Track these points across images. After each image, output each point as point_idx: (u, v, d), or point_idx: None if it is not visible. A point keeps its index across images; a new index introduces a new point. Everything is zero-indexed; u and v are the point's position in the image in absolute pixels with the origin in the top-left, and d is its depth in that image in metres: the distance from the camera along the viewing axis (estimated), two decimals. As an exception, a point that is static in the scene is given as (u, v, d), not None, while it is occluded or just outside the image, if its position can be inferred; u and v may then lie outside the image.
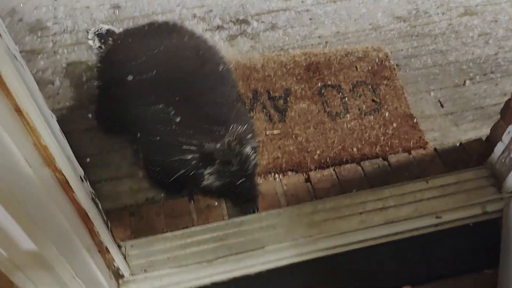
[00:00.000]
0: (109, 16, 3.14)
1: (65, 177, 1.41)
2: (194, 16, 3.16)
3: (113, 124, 2.42)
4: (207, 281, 1.97)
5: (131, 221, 2.23)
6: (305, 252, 2.04)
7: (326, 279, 2.00)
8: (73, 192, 1.47)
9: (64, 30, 3.05)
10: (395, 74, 2.79)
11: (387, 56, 2.87)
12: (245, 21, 3.14)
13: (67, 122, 2.60)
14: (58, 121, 1.46)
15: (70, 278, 1.48)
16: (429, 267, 2.03)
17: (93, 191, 1.70)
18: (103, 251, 1.78)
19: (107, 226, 1.81)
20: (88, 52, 2.93)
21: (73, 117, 2.63)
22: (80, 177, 1.56)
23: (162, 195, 2.33)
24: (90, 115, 2.63)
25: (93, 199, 1.66)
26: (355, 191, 2.28)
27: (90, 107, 2.63)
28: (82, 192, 1.53)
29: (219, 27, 3.08)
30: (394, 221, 2.10)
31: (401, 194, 2.21)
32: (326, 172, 2.38)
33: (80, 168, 1.61)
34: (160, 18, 3.12)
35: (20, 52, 2.93)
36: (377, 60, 2.85)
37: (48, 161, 1.34)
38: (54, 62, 2.89)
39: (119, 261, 1.93)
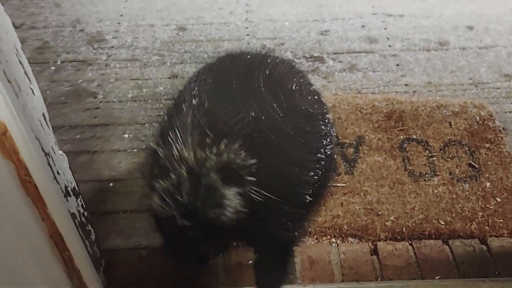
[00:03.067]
0: (172, 37, 2.87)
1: (33, 179, 0.98)
2: (264, 47, 2.80)
3: None
4: None
5: (139, 265, 1.76)
6: None
7: None
8: (45, 205, 1.04)
9: (122, 45, 2.80)
10: (501, 138, 2.21)
11: (491, 116, 2.31)
12: (319, 59, 2.73)
13: (99, 139, 2.26)
14: (88, 137, 1.18)
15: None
16: None
17: (85, 214, 1.26)
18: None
19: (98, 264, 1.35)
20: (141, 70, 2.63)
21: (107, 135, 2.28)
22: (65, 189, 1.13)
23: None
24: (125, 135, 2.27)
25: (80, 224, 1.21)
26: (438, 278, 1.67)
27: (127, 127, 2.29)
28: (60, 209, 1.09)
29: (289, 62, 2.69)
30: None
31: (506, 294, 1.58)
32: (400, 245, 1.81)
33: (71, 176, 1.18)
34: (226, 45, 2.80)
35: (72, 61, 2.71)
36: (477, 118, 2.29)
37: (9, 149, 0.92)
38: (103, 75, 2.61)
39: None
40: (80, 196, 1.24)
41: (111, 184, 2.08)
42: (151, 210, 1.29)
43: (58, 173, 1.05)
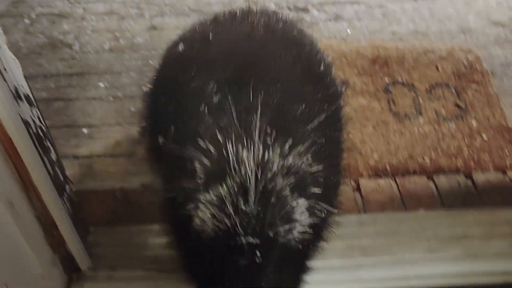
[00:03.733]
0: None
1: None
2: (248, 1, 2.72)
3: None
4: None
5: (114, 205, 1.70)
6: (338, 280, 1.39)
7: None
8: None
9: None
10: (488, 80, 2.14)
11: (478, 59, 2.24)
12: (304, 9, 2.65)
13: (74, 87, 2.18)
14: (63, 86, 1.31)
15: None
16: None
17: (43, 128, 1.19)
18: (45, 221, 1.24)
19: (60, 190, 1.28)
20: (118, 22, 2.55)
21: (82, 83, 2.20)
22: (15, 91, 1.05)
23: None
24: (101, 84, 2.19)
25: (36, 136, 1.14)
26: (422, 210, 1.61)
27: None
28: (10, 111, 1.02)
29: (272, 13, 2.61)
30: (479, 256, 1.41)
31: (491, 223, 1.52)
32: (383, 182, 1.74)
33: (25, 83, 1.11)
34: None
35: (47, 15, 2.62)
36: (465, 62, 2.22)
37: None
38: (79, 28, 2.52)
39: (74, 248, 1.37)
40: (38, 109, 1.16)
41: (85, 131, 2.01)
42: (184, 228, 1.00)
43: (6, 70, 0.98)
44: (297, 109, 1.10)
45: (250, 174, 0.92)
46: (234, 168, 0.93)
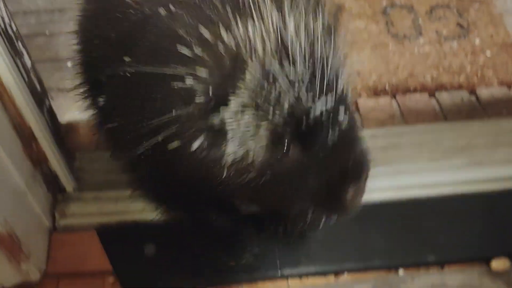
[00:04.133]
0: None
1: None
2: None
3: None
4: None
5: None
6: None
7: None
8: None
9: None
10: (491, 0, 2.04)
11: (480, -21, 2.13)
12: None
13: (56, 23, 2.08)
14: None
15: None
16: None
17: (13, 28, 1.10)
18: (23, 131, 1.17)
19: (39, 101, 1.20)
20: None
21: (65, 18, 2.10)
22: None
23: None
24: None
25: (5, 34, 1.05)
26: (424, 124, 1.54)
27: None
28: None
29: None
30: (483, 163, 1.34)
31: (496, 133, 1.45)
32: (382, 100, 1.66)
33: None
34: None
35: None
36: (466, -18, 2.11)
37: None
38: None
39: (58, 167, 1.30)
40: (6, 6, 1.07)
41: (69, 64, 1.92)
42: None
43: None
44: None
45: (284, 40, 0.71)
46: (253, 49, 0.71)
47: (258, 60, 0.72)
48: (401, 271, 1.21)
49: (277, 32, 0.72)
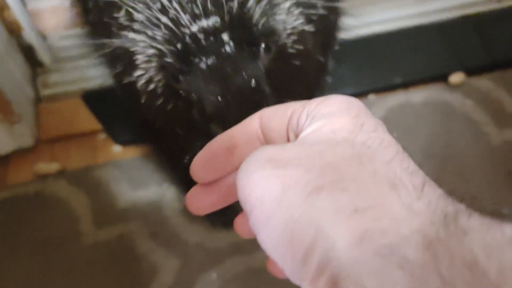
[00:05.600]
0: None
1: None
2: None
3: None
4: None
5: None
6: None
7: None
8: None
9: None
10: None
11: None
12: None
13: None
14: None
15: None
16: (487, 53, 1.37)
17: None
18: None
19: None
20: None
21: None
22: None
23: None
24: None
25: None
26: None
27: None
28: None
29: None
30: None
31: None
32: None
33: None
34: None
35: None
36: None
37: None
38: None
39: (33, 38, 1.31)
40: None
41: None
42: None
43: None
44: None
45: None
46: None
47: None
48: (371, 96, 1.33)
49: None
